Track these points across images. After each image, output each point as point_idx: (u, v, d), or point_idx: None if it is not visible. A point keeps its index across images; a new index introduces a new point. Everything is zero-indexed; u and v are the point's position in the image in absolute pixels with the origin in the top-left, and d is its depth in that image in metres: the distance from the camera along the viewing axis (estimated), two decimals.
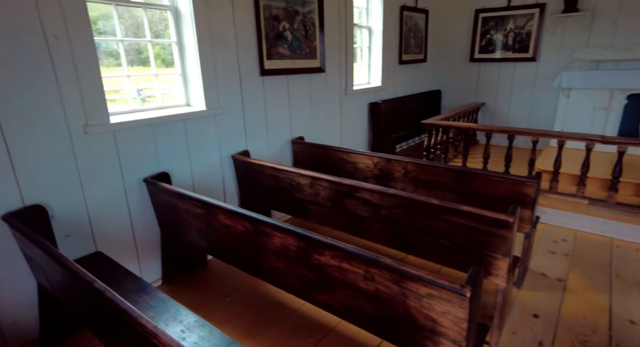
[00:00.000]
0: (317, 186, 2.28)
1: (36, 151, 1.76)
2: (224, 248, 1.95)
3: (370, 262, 1.31)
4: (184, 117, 2.37)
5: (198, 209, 1.94)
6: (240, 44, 2.65)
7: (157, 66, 2.65)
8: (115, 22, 2.12)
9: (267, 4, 2.79)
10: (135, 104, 2.38)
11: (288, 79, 3.13)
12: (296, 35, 3.10)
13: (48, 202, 1.83)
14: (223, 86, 2.59)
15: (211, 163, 2.63)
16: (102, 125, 1.96)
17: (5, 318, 1.80)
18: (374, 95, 4.39)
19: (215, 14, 2.44)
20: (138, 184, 2.20)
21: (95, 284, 1.15)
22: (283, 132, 3.20)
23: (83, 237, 2.01)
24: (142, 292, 1.75)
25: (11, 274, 1.77)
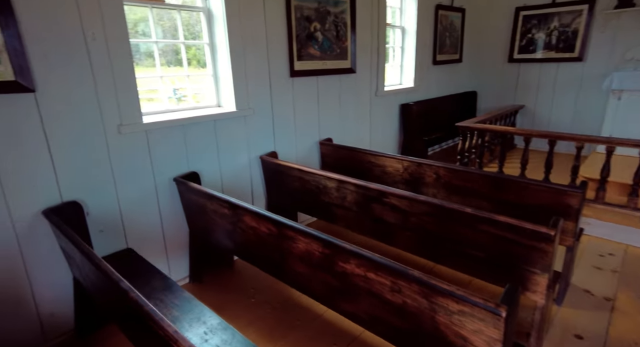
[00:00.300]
0: (344, 189, 2.23)
1: (74, 149, 1.82)
2: (249, 250, 1.94)
3: (398, 274, 1.25)
4: (215, 117, 2.39)
5: (225, 209, 1.94)
6: (271, 45, 2.65)
7: (194, 67, 2.70)
8: (151, 24, 2.17)
9: (299, 4, 2.77)
10: (170, 103, 2.43)
11: (318, 80, 3.10)
12: (327, 35, 3.07)
13: (84, 198, 1.90)
14: (253, 87, 2.59)
15: (240, 164, 2.65)
16: (135, 125, 2.01)
17: (44, 310, 1.88)
18: (406, 97, 4.28)
19: (247, 15, 2.45)
20: (168, 183, 2.25)
21: (121, 284, 1.16)
22: (311, 134, 3.17)
23: (115, 233, 2.07)
24: (169, 291, 1.78)
25: (51, 267, 1.85)
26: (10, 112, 1.61)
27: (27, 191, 1.71)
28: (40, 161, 1.72)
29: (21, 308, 1.80)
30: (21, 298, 1.79)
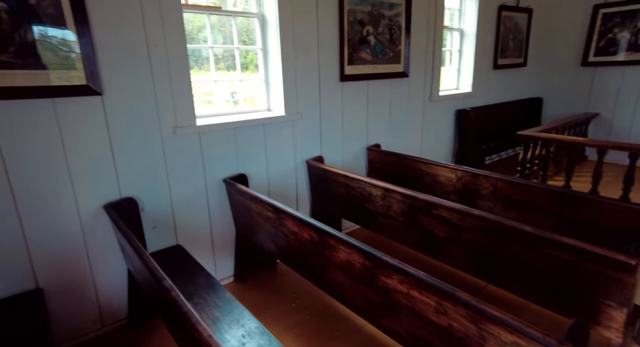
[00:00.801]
0: (390, 198, 2.14)
1: (133, 148, 1.94)
2: (291, 254, 1.93)
3: (444, 295, 1.15)
4: (264, 121, 2.43)
5: (269, 213, 1.95)
6: (322, 49, 2.64)
7: (251, 71, 2.78)
8: (207, 30, 2.26)
9: (352, 8, 2.74)
10: (228, 106, 2.51)
11: (368, 84, 3.04)
12: (380, 39, 3.00)
13: (139, 195, 2.01)
14: (302, 92, 2.60)
15: (286, 167, 2.66)
16: (190, 127, 2.10)
17: (103, 298, 2.02)
18: (462, 102, 4.06)
19: (300, 20, 2.46)
20: (218, 183, 2.32)
21: (164, 282, 1.19)
22: (359, 139, 3.11)
23: (166, 230, 2.17)
24: (212, 290, 1.82)
25: (109, 258, 1.98)
26: (81, 112, 1.75)
27: (93, 186, 1.85)
28: (103, 159, 1.86)
29: (84, 294, 1.94)
30: (84, 284, 1.93)
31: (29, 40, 1.56)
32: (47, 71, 1.61)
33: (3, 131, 1.57)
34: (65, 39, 1.64)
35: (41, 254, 1.76)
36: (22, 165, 1.64)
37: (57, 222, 1.78)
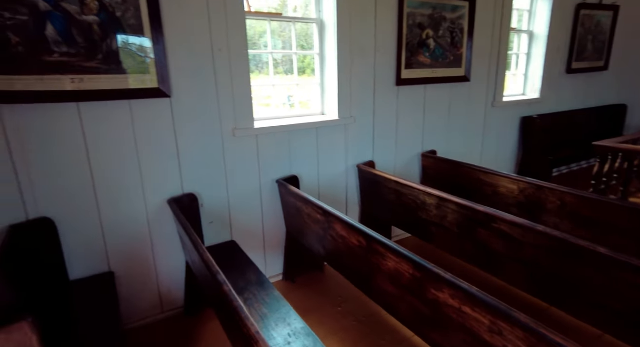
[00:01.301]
0: (445, 207, 2.05)
1: (196, 147, 2.07)
2: (338, 259, 1.93)
3: (500, 314, 1.08)
4: (317, 125, 2.47)
5: (319, 215, 1.97)
6: (379, 53, 2.62)
7: (307, 75, 2.84)
8: (268, 36, 2.35)
9: (412, 12, 2.68)
10: (284, 109, 2.60)
11: (425, 88, 2.95)
12: (440, 42, 2.90)
13: (199, 192, 2.14)
14: (356, 96, 2.60)
15: (337, 171, 2.67)
16: (248, 129, 2.19)
17: (164, 285, 2.17)
18: (529, 109, 3.78)
19: (358, 24, 2.47)
20: (271, 184, 2.39)
21: (218, 276, 1.26)
22: (413, 145, 3.03)
23: (222, 226, 2.29)
24: (261, 287, 1.88)
25: (170, 249, 2.13)
26: (152, 113, 1.91)
27: (159, 182, 2.01)
28: (170, 157, 2.01)
29: (147, 280, 2.11)
30: (148, 271, 2.10)
31: (113, 49, 1.73)
32: (126, 75, 1.78)
33: (90, 129, 1.77)
34: (143, 46, 1.80)
35: (114, 241, 1.95)
36: (101, 161, 1.83)
37: (128, 214, 1.95)
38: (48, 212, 1.75)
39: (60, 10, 1.60)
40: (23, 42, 1.55)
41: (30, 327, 1.01)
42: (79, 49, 1.66)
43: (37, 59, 1.58)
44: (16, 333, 0.99)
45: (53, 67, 1.62)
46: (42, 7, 1.56)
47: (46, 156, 1.70)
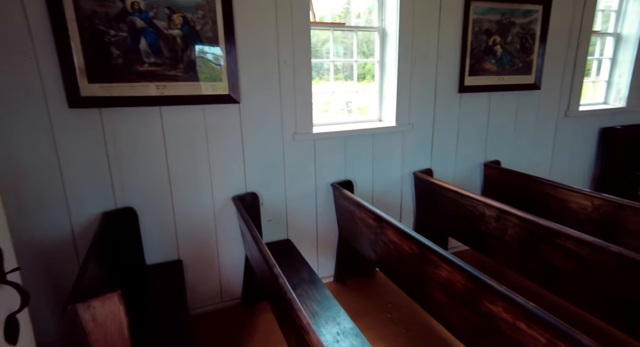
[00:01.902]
0: (505, 220, 1.97)
1: (258, 150, 2.22)
2: (389, 264, 1.94)
3: (558, 333, 1.03)
4: (374, 131, 2.50)
5: (371, 220, 2.00)
6: (441, 60, 2.59)
7: (367, 81, 2.90)
8: (330, 45, 2.45)
9: (479, 18, 2.61)
10: (342, 114, 2.67)
11: (490, 96, 2.84)
12: (508, 49, 2.78)
13: (260, 191, 2.29)
14: (416, 103, 2.59)
15: (392, 177, 2.67)
16: (307, 134, 2.30)
17: (224, 276, 2.35)
18: (610, 119, 3.45)
19: (420, 32, 2.46)
20: (326, 187, 2.47)
21: (274, 269, 1.35)
22: (475, 154, 2.92)
23: (279, 224, 2.41)
24: (313, 286, 1.95)
25: (231, 242, 2.30)
26: (222, 118, 2.09)
27: (225, 180, 2.18)
28: (236, 157, 2.17)
29: (210, 270, 2.29)
30: (211, 262, 2.28)
31: (192, 59, 1.94)
32: (201, 83, 1.98)
33: (168, 131, 1.99)
34: (217, 56, 1.99)
35: (184, 232, 2.15)
36: (177, 159, 2.04)
37: (197, 208, 2.15)
38: (132, 202, 1.99)
39: (152, 26, 1.83)
40: (122, 55, 1.80)
41: (118, 298, 1.18)
42: (164, 60, 1.88)
43: (131, 68, 1.83)
44: (108, 301, 1.17)
45: (142, 76, 1.86)
46: (138, 24, 1.80)
47: (133, 154, 1.94)
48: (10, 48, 1.63)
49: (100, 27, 1.74)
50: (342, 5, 2.73)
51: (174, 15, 1.86)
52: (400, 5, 2.36)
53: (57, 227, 1.86)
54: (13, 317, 0.93)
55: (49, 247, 1.87)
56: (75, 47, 1.71)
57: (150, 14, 1.81)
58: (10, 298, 0.91)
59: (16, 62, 1.65)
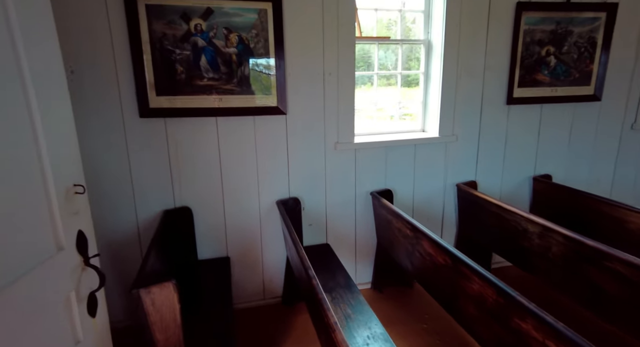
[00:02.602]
0: (549, 238, 1.90)
1: (302, 158, 2.35)
2: (425, 275, 1.96)
3: None
4: (416, 142, 2.53)
5: (408, 230, 2.04)
6: (489, 72, 2.55)
7: (413, 88, 2.89)
8: (375, 57, 2.53)
9: (530, 28, 2.54)
10: (391, 121, 2.72)
11: (542, 108, 2.74)
12: (563, 59, 2.66)
13: (302, 196, 2.42)
14: (460, 114, 2.57)
15: (434, 188, 2.67)
16: (348, 144, 2.39)
17: (267, 275, 2.51)
18: None
19: (467, 44, 2.46)
20: (365, 195, 2.54)
21: (309, 271, 1.46)
22: (524, 167, 2.82)
23: (319, 229, 2.52)
24: (349, 291, 2.03)
25: (274, 243, 2.45)
26: (270, 128, 2.25)
27: (271, 185, 2.34)
28: (281, 164, 2.33)
29: (254, 268, 2.46)
30: (255, 260, 2.45)
31: (245, 74, 2.13)
32: (253, 96, 2.16)
33: (223, 139, 2.19)
34: (267, 71, 2.15)
35: (232, 231, 2.34)
36: (229, 164, 2.24)
37: (245, 209, 2.33)
38: (188, 202, 2.22)
39: (212, 45, 2.04)
40: (185, 71, 2.03)
41: (173, 287, 1.35)
42: (221, 75, 2.09)
43: (192, 83, 2.06)
44: (165, 289, 1.35)
45: (202, 89, 2.08)
46: (200, 43, 2.02)
47: (191, 159, 2.17)
48: (100, 66, 1.92)
49: (168, 47, 1.98)
50: (390, 18, 2.79)
51: (231, 34, 2.06)
52: (446, 18, 2.38)
53: (125, 221, 2.13)
54: (93, 294, 1.13)
55: (118, 239, 2.14)
56: (147, 65, 1.97)
57: (210, 34, 2.03)
58: (91, 279, 1.11)
59: (102, 76, 1.94)
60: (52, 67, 1.00)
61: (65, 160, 1.03)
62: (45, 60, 0.97)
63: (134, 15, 1.89)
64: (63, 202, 1.00)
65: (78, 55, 1.88)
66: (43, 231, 0.94)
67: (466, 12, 2.41)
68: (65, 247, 1.00)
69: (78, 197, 1.08)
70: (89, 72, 1.92)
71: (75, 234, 1.06)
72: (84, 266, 1.08)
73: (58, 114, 1.01)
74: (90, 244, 1.12)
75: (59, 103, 1.03)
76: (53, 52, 1.01)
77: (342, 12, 2.20)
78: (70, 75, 1.89)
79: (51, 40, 1.01)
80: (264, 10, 2.07)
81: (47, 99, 0.96)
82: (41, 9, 0.98)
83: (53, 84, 1.00)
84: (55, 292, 0.96)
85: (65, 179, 1.02)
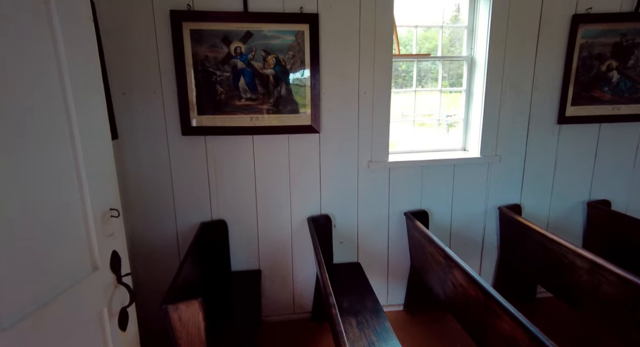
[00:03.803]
0: (600, 276, 1.73)
1: (334, 176, 2.36)
2: (456, 305, 1.87)
3: None
4: (455, 162, 2.43)
5: (441, 257, 1.96)
6: (537, 90, 2.39)
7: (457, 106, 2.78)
8: (414, 75, 2.47)
9: (589, 42, 2.34)
10: (440, 129, 2.64)
11: (600, 127, 2.50)
12: (628, 74, 2.42)
13: (334, 214, 2.42)
14: (505, 134, 2.43)
15: (474, 211, 2.54)
16: (382, 162, 2.35)
17: (297, 290, 2.53)
18: None
19: (512, 60, 2.32)
20: (399, 215, 2.48)
21: (330, 299, 1.45)
22: (577, 191, 2.59)
23: (350, 247, 2.50)
24: (375, 316, 1.99)
25: (305, 258, 2.47)
26: (303, 146, 2.28)
27: (303, 201, 2.37)
28: (313, 181, 2.35)
29: (285, 282, 2.50)
30: (286, 275, 2.49)
31: (282, 94, 2.18)
32: (288, 115, 2.21)
33: (258, 156, 2.26)
34: (303, 91, 2.19)
35: (265, 245, 2.40)
36: (264, 180, 2.30)
37: (277, 224, 2.38)
38: (224, 215, 2.31)
39: (250, 67, 2.12)
40: (225, 91, 2.13)
41: (199, 305, 1.42)
42: (258, 95, 2.16)
43: (230, 103, 2.15)
44: (192, 307, 1.42)
45: (240, 109, 2.16)
46: (239, 65, 2.11)
47: (228, 174, 2.26)
48: (148, 88, 2.08)
49: (209, 69, 2.09)
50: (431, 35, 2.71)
51: (269, 56, 2.12)
52: (491, 33, 2.27)
53: (166, 232, 2.27)
54: (124, 310, 1.22)
55: (159, 248, 2.29)
56: (190, 86, 2.09)
57: (249, 56, 2.11)
58: (123, 295, 1.20)
59: (149, 97, 2.09)
60: (94, 98, 1.10)
61: (103, 187, 1.12)
62: (88, 91, 1.06)
63: (179, 39, 2.02)
64: (99, 225, 1.09)
65: (129, 76, 2.05)
66: (81, 252, 1.04)
67: (513, 26, 2.28)
68: (100, 267, 1.09)
69: (113, 220, 1.17)
70: (138, 92, 2.08)
71: (109, 254, 1.15)
72: (117, 284, 1.17)
73: (98, 147, 1.11)
74: (123, 263, 1.21)
75: (100, 136, 1.13)
76: (95, 83, 1.11)
77: (379, 32, 2.18)
78: (121, 96, 2.06)
79: (94, 74, 1.10)
80: (302, 32, 2.12)
81: (90, 134, 1.06)
82: (87, 45, 1.07)
83: (95, 120, 1.10)
84: (89, 309, 1.05)
85: (102, 203, 1.11)
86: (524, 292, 2.67)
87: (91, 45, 1.09)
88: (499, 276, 2.64)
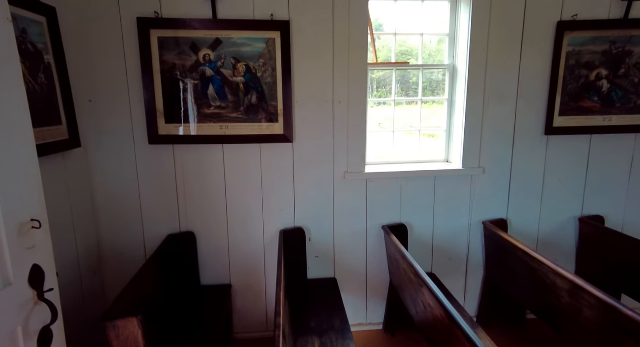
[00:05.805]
0: (580, 298, 1.59)
1: (309, 187, 2.27)
2: (425, 326, 1.75)
3: None
4: (436, 173, 2.32)
5: (412, 275, 1.84)
6: (523, 99, 2.28)
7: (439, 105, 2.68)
8: (393, 83, 2.39)
9: (576, 49, 2.24)
10: (418, 136, 2.53)
11: (591, 139, 2.38)
12: (619, 83, 2.30)
13: (309, 227, 2.32)
14: (489, 145, 2.32)
15: (457, 225, 2.42)
16: (359, 173, 2.26)
17: (270, 306, 2.41)
18: None
19: (496, 69, 2.23)
20: (378, 228, 2.37)
21: (277, 318, 1.35)
22: (568, 205, 2.46)
23: (326, 262, 2.40)
24: (341, 336, 1.87)
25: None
26: (276, 156, 2.21)
27: (276, 213, 2.29)
28: (287, 193, 2.26)
29: (258, 297, 2.40)
30: (259, 290, 2.39)
31: (252, 102, 2.12)
32: (260, 124, 2.14)
33: (228, 166, 2.19)
34: (274, 100, 2.13)
35: (236, 259, 2.31)
36: (234, 191, 2.23)
37: (249, 237, 2.30)
38: (193, 227, 2.24)
39: (219, 75, 2.07)
40: (193, 100, 2.08)
41: (138, 323, 1.33)
42: (228, 103, 2.10)
43: (200, 111, 2.09)
44: (129, 325, 1.33)
45: (209, 117, 2.10)
46: (208, 73, 2.06)
47: (197, 185, 2.19)
48: (115, 95, 2.04)
49: (177, 76, 2.05)
50: (411, 44, 2.65)
51: (239, 64, 2.07)
52: (471, 39, 2.18)
53: (133, 242, 2.21)
54: (47, 328, 1.13)
55: (127, 260, 2.21)
56: (157, 94, 2.05)
57: (219, 63, 2.06)
58: (46, 313, 1.12)
59: (116, 105, 2.05)
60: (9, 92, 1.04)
61: (21, 196, 1.05)
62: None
63: (146, 47, 1.99)
64: (14, 237, 1.02)
65: (95, 83, 2.01)
66: None
67: (495, 34, 2.19)
68: (12, 282, 1.02)
69: (35, 231, 1.10)
70: (104, 100, 2.04)
71: (29, 268, 1.07)
72: (37, 300, 1.10)
73: (15, 152, 1.05)
74: (48, 278, 1.14)
75: (20, 141, 1.06)
76: (11, 75, 1.05)
77: (354, 39, 2.12)
78: (87, 103, 2.02)
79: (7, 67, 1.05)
80: (272, 39, 2.06)
81: (3, 136, 0.99)
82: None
83: (10, 120, 1.03)
84: None
85: (19, 213, 1.04)
86: (513, 314, 2.51)
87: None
88: (484, 295, 2.49)
